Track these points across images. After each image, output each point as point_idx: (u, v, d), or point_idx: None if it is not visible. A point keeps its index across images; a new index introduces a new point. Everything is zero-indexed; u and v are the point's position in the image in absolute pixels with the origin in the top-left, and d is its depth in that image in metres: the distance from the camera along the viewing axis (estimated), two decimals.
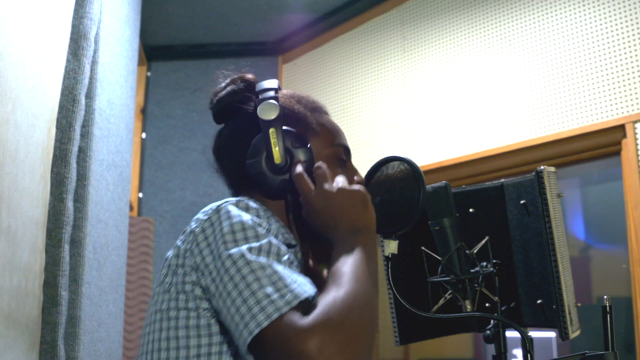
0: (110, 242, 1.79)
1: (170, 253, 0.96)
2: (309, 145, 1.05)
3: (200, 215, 0.96)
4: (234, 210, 0.92)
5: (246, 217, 0.91)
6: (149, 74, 3.40)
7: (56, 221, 1.39)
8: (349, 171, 1.11)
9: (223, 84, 1.19)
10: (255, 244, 0.86)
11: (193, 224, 0.95)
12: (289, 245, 0.99)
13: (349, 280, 0.86)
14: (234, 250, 0.85)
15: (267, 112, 1.04)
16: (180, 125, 3.34)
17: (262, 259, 0.84)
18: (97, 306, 1.64)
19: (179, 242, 0.96)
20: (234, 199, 0.96)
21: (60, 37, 1.46)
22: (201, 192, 3.27)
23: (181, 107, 3.37)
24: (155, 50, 3.37)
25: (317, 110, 1.14)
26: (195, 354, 0.88)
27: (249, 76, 1.20)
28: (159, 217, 3.21)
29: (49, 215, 1.39)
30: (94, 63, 1.59)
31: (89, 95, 1.56)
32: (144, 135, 3.32)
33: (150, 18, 2.95)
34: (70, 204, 1.43)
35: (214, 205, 0.96)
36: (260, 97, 1.09)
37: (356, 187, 0.99)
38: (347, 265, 0.89)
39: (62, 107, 1.45)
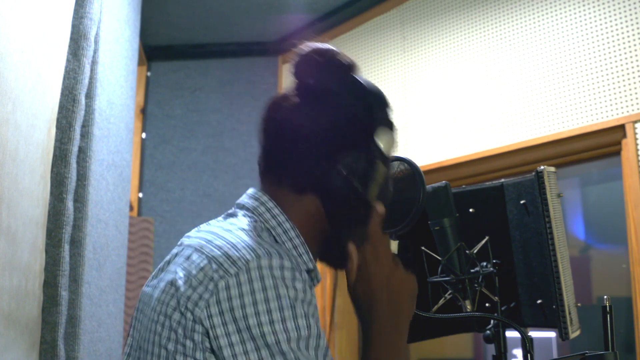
0: (110, 242, 1.79)
1: (178, 276, 0.84)
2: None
3: (224, 261, 0.81)
4: (268, 277, 0.79)
5: (283, 289, 0.79)
6: (149, 74, 3.40)
7: (56, 221, 1.39)
8: None
9: (321, 52, 0.99)
10: (292, 334, 0.77)
11: (213, 270, 0.81)
12: (307, 271, 0.92)
13: None
14: (270, 339, 0.76)
15: (389, 146, 0.93)
16: (180, 125, 3.34)
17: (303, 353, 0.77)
18: (97, 306, 1.64)
19: (192, 277, 0.82)
20: (265, 257, 0.81)
21: (60, 37, 1.46)
22: (201, 192, 3.27)
23: (181, 107, 3.36)
24: (155, 50, 3.37)
25: None
26: None
27: (353, 63, 0.99)
28: (159, 217, 3.21)
29: (49, 215, 1.39)
30: (94, 63, 1.59)
31: (89, 95, 1.56)
32: (144, 135, 3.32)
33: (150, 18, 2.95)
34: (70, 204, 1.43)
35: (240, 254, 0.81)
36: (380, 115, 0.94)
37: (411, 276, 0.94)
38: None
39: (62, 107, 1.45)
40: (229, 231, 0.88)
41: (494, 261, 1.24)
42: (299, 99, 0.96)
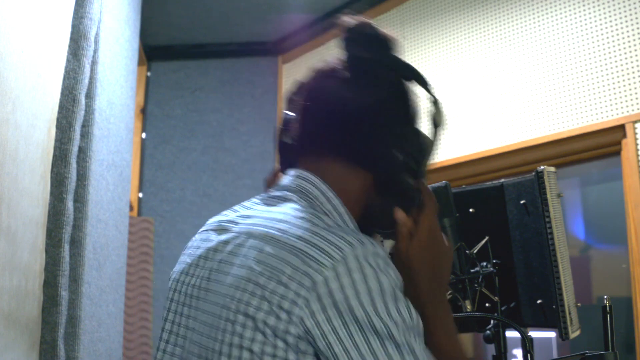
0: (110, 242, 1.79)
1: (254, 270, 0.78)
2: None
3: (314, 252, 0.77)
4: (367, 266, 0.76)
5: (383, 276, 0.77)
6: (149, 74, 3.40)
7: (56, 221, 1.39)
8: None
9: (370, 28, 0.96)
10: (398, 319, 0.76)
11: (304, 264, 0.76)
12: None
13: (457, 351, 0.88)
14: (379, 328, 0.74)
15: (442, 118, 0.93)
16: (180, 125, 3.34)
17: (417, 346, 0.77)
18: (97, 306, 1.64)
19: (277, 271, 0.77)
20: (358, 245, 0.78)
21: (60, 37, 1.46)
22: (201, 192, 3.27)
23: (181, 107, 3.37)
24: (155, 50, 3.37)
25: None
26: None
27: (397, 40, 0.97)
28: (159, 217, 3.21)
29: (49, 215, 1.39)
30: (94, 63, 1.59)
31: (89, 95, 1.56)
32: (144, 135, 3.32)
33: (150, 18, 2.95)
34: (70, 204, 1.43)
35: (330, 243, 0.77)
36: (433, 92, 0.93)
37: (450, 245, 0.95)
38: (460, 348, 0.89)
39: (62, 107, 1.45)
40: (299, 219, 0.83)
41: (494, 261, 1.24)
42: (349, 73, 0.92)
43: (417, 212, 0.91)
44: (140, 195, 3.24)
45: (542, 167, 1.19)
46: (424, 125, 0.94)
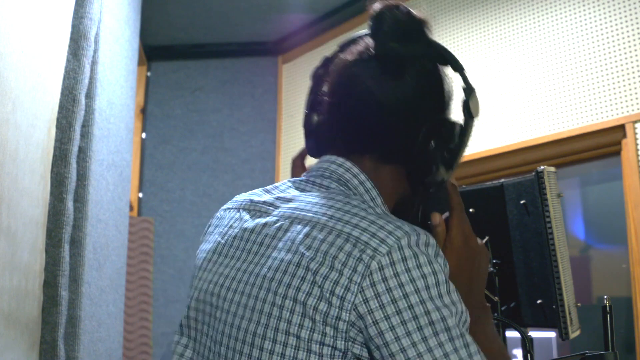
0: (110, 242, 1.79)
1: (305, 255, 0.77)
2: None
3: (368, 239, 0.75)
4: (421, 254, 0.75)
5: (436, 265, 0.76)
6: (149, 74, 3.40)
7: (56, 221, 1.39)
8: None
9: (408, 16, 0.89)
10: (452, 309, 0.75)
11: (359, 250, 0.75)
12: None
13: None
14: (434, 317, 0.73)
15: (477, 110, 0.90)
16: (180, 125, 3.34)
17: (467, 337, 0.75)
18: (97, 306, 1.64)
19: (329, 256, 0.75)
20: (413, 234, 0.76)
21: (60, 37, 1.46)
22: (201, 192, 3.27)
23: (181, 107, 3.37)
24: (155, 50, 3.37)
25: None
26: None
27: (429, 22, 0.93)
28: (159, 217, 3.21)
29: (49, 215, 1.39)
30: (94, 63, 1.59)
31: (89, 95, 1.56)
32: (144, 135, 3.32)
33: (150, 18, 2.95)
34: (70, 204, 1.43)
35: (385, 230, 0.76)
36: (468, 82, 0.91)
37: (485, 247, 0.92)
38: (500, 346, 0.87)
39: (62, 107, 1.45)
40: (348, 205, 0.81)
41: (494, 261, 1.24)
42: (381, 63, 0.88)
43: (448, 215, 0.90)
44: (140, 195, 3.24)
45: (542, 167, 1.19)
46: (457, 114, 0.91)
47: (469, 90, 0.90)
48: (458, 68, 0.91)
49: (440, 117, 0.89)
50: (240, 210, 0.92)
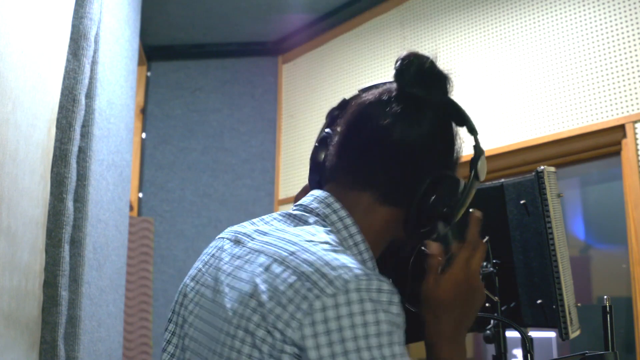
0: (110, 242, 1.79)
1: (259, 289, 0.78)
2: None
3: (317, 279, 0.76)
4: (368, 301, 0.74)
5: (382, 314, 0.75)
6: (149, 74, 3.40)
7: (56, 221, 1.39)
8: None
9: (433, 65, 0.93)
10: (388, 358, 0.73)
11: (306, 288, 0.75)
12: None
13: None
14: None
15: (483, 173, 0.92)
16: (180, 125, 3.34)
17: None
18: (97, 306, 1.64)
19: (279, 293, 0.77)
20: (364, 277, 0.76)
21: (60, 37, 1.46)
22: (201, 192, 3.27)
23: (181, 107, 3.37)
24: (155, 50, 3.37)
25: None
26: None
27: (450, 78, 0.96)
28: (159, 217, 3.21)
29: (49, 215, 1.39)
30: (94, 63, 1.59)
31: (89, 95, 1.56)
32: (144, 135, 3.32)
33: (150, 18, 2.95)
34: (70, 204, 1.43)
35: (335, 272, 0.76)
36: (479, 147, 0.93)
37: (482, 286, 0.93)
38: None
39: (62, 107, 1.45)
40: (311, 243, 0.82)
41: (494, 261, 1.24)
42: (397, 107, 0.90)
43: (455, 247, 0.91)
44: (140, 195, 3.24)
45: (542, 167, 1.19)
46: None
47: (479, 151, 0.92)
48: (473, 131, 0.93)
49: (447, 171, 0.91)
50: (225, 240, 0.94)
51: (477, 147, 0.92)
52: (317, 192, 0.92)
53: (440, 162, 0.91)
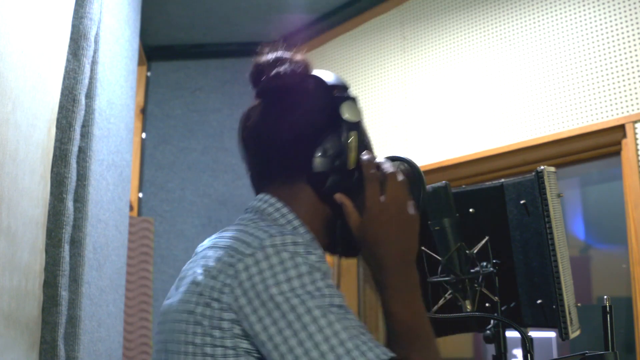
0: (110, 242, 1.79)
1: (197, 273, 0.88)
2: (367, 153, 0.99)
3: (238, 245, 0.86)
4: (284, 251, 0.83)
5: (298, 259, 0.83)
6: (149, 74, 3.40)
7: (56, 221, 1.39)
8: None
9: (272, 58, 1.12)
10: (326, 302, 0.81)
11: (230, 256, 0.85)
12: None
13: (430, 342, 0.90)
14: (295, 301, 0.80)
15: (354, 113, 1.00)
16: (180, 125, 3.34)
17: (331, 316, 0.80)
18: (97, 306, 1.64)
19: (210, 268, 0.86)
20: (278, 235, 0.85)
21: (60, 37, 1.46)
22: (201, 192, 3.27)
23: (181, 107, 3.36)
24: (155, 50, 3.37)
25: None
26: None
27: (304, 59, 1.12)
28: (159, 217, 3.21)
29: (49, 215, 1.39)
30: (94, 63, 1.59)
31: (89, 95, 1.56)
32: (144, 135, 3.32)
33: (150, 18, 2.95)
34: (70, 204, 1.43)
35: (253, 236, 0.86)
36: (339, 94, 1.02)
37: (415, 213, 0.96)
38: (420, 319, 0.90)
39: (62, 107, 1.45)
40: (237, 225, 0.93)
41: (494, 261, 1.24)
42: (263, 104, 1.04)
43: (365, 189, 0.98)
44: (140, 195, 3.24)
45: (542, 167, 1.19)
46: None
47: (340, 100, 1.01)
48: (335, 84, 1.04)
49: (325, 134, 0.98)
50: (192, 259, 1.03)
51: (336, 99, 1.01)
52: (258, 196, 1.02)
53: (311, 131, 0.98)
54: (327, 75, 1.06)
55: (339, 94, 1.02)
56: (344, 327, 0.80)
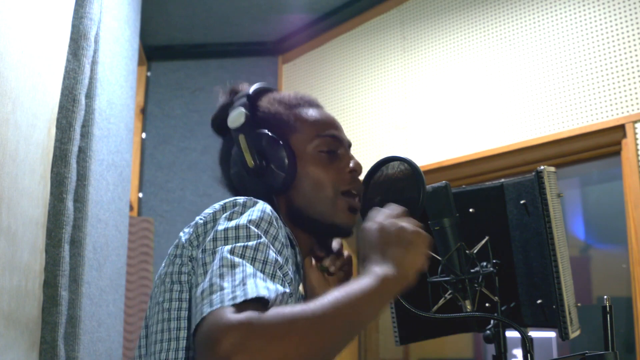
0: (110, 242, 1.79)
1: (179, 241, 0.99)
2: (281, 142, 1.07)
3: (209, 210, 0.97)
4: (237, 208, 0.93)
5: (245, 217, 0.91)
6: (149, 74, 3.40)
7: (56, 221, 1.39)
8: (342, 161, 1.10)
9: (220, 100, 1.21)
10: (240, 244, 0.86)
11: (200, 217, 0.97)
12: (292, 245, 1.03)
13: (331, 305, 0.78)
14: (219, 248, 0.86)
15: (234, 120, 1.09)
16: (180, 125, 3.34)
17: (237, 259, 0.83)
18: (97, 306, 1.64)
19: (181, 234, 0.98)
20: (243, 197, 0.97)
21: (60, 37, 1.46)
22: (201, 192, 3.27)
23: (181, 107, 3.36)
24: (155, 50, 3.37)
25: (300, 105, 1.14)
26: (185, 346, 0.88)
27: (238, 86, 1.20)
28: (159, 217, 3.21)
29: (49, 215, 1.39)
30: (94, 63, 1.59)
31: (89, 95, 1.56)
32: (144, 135, 3.32)
33: (150, 18, 2.95)
34: (70, 204, 1.43)
35: (227, 200, 0.98)
36: (231, 107, 1.13)
37: (416, 230, 0.97)
38: (350, 291, 0.82)
39: (62, 107, 1.45)
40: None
41: (494, 261, 1.24)
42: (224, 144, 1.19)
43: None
44: (140, 195, 3.24)
45: (542, 167, 1.19)
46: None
47: (226, 110, 1.14)
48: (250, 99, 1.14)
49: (258, 140, 1.10)
50: None
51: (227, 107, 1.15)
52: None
53: (252, 140, 1.09)
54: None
55: (232, 107, 1.13)
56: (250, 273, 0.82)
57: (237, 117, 1.08)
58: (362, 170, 1.14)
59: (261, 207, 0.94)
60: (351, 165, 1.10)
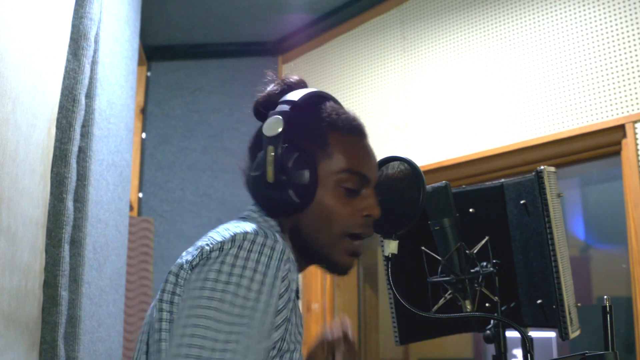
0: (110, 242, 1.79)
1: (181, 260, 0.97)
2: (308, 169, 1.01)
3: (215, 235, 0.94)
4: (244, 249, 0.89)
5: (251, 262, 0.88)
6: (149, 74, 3.39)
7: (56, 221, 1.39)
8: (361, 202, 1.03)
9: (269, 87, 1.16)
10: (237, 301, 0.85)
11: (206, 241, 0.94)
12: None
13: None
14: (202, 312, 0.85)
15: (269, 128, 1.02)
16: (180, 125, 3.34)
17: (222, 316, 0.84)
18: (97, 306, 1.64)
19: (184, 254, 0.97)
20: (254, 226, 0.93)
21: (60, 37, 1.46)
22: (201, 192, 3.27)
23: (181, 107, 3.36)
24: (155, 50, 3.37)
25: (345, 130, 1.05)
26: None
27: (289, 78, 1.15)
28: (159, 217, 3.21)
29: (49, 215, 1.39)
30: (94, 63, 1.59)
31: (89, 95, 1.56)
32: (144, 135, 3.32)
33: (150, 18, 2.95)
34: (70, 204, 1.43)
35: (236, 227, 0.93)
36: (274, 110, 1.06)
37: None
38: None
39: (62, 107, 1.45)
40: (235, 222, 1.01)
41: (494, 261, 1.24)
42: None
43: None
44: (140, 195, 3.24)
45: (542, 167, 1.19)
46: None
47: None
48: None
49: (289, 160, 1.02)
50: None
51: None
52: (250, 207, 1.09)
53: (283, 164, 1.01)
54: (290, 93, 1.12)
55: (275, 110, 1.07)
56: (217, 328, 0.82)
57: (272, 125, 1.02)
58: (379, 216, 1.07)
59: (277, 256, 0.90)
60: (369, 209, 1.03)
